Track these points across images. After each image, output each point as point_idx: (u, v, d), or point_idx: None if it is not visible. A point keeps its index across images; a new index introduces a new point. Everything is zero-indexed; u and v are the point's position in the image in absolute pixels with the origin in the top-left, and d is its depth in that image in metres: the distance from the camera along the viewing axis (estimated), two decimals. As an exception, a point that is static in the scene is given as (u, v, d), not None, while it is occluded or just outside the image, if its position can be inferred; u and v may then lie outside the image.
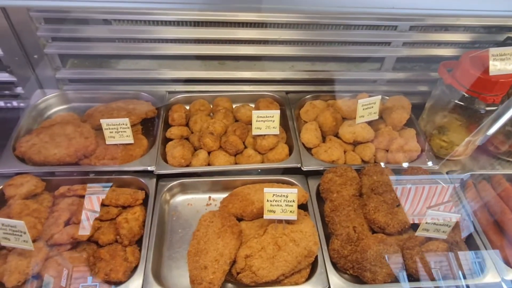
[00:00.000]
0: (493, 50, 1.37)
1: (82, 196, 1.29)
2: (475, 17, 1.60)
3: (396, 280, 1.18)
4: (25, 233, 1.03)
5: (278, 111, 1.45)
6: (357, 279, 1.19)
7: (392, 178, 1.37)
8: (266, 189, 1.17)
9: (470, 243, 1.28)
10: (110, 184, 1.35)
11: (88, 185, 1.30)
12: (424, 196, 1.35)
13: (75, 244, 1.17)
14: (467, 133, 1.57)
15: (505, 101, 1.49)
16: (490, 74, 1.37)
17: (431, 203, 1.33)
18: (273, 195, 1.17)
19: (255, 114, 1.43)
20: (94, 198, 1.27)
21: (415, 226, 1.25)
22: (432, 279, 1.16)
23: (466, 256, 1.20)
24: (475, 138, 1.59)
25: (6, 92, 1.70)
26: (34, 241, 1.10)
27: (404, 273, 1.17)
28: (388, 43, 1.68)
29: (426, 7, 1.10)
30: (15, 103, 1.73)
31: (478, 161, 1.66)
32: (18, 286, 1.06)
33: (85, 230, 1.17)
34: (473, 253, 1.23)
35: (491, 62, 1.37)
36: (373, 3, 1.02)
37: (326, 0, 0.98)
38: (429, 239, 1.20)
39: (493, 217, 1.37)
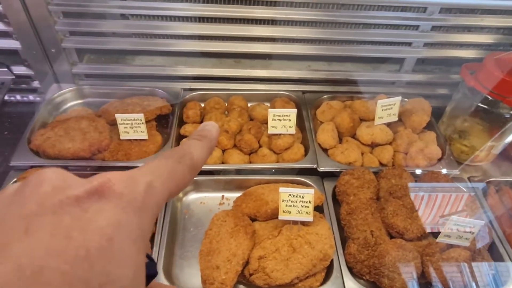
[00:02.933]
0: (520, 52, 1.32)
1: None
2: (499, 16, 1.55)
3: (414, 287, 1.14)
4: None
5: (295, 110, 1.42)
6: (374, 285, 1.15)
7: (412, 181, 1.33)
8: (281, 189, 1.14)
9: (492, 251, 1.23)
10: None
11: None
12: (445, 202, 1.30)
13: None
14: (489, 138, 1.51)
15: (531, 105, 1.43)
16: (517, 76, 1.33)
17: (452, 209, 1.29)
18: (289, 195, 1.14)
19: (271, 112, 1.40)
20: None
21: (433, 234, 1.21)
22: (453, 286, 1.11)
23: (489, 265, 1.15)
24: (497, 143, 1.53)
25: (23, 86, 1.71)
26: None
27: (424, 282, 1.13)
28: (409, 44, 1.63)
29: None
30: (31, 97, 1.74)
31: (500, 167, 1.60)
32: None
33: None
34: (496, 262, 1.18)
35: (517, 64, 1.33)
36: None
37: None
38: (451, 246, 1.15)
39: (517, 226, 1.31)
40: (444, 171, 1.42)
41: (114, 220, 0.29)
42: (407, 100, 1.65)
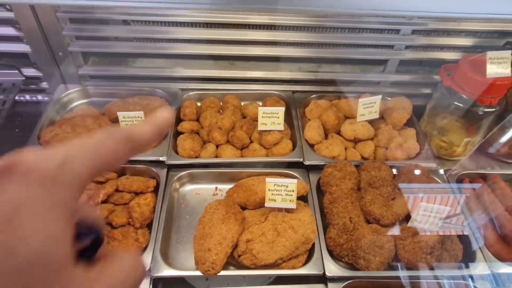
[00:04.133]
0: (490, 54, 1.43)
1: (99, 182, 1.40)
2: (476, 21, 1.65)
3: (388, 268, 1.25)
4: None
5: (283, 108, 1.54)
6: (352, 266, 1.26)
7: (389, 173, 1.44)
8: (267, 179, 1.26)
9: (462, 237, 1.33)
10: (125, 172, 1.46)
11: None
12: (420, 191, 1.41)
13: (92, 224, 1.28)
14: (466, 134, 1.62)
15: (503, 103, 1.54)
16: (487, 76, 1.44)
17: (426, 198, 1.39)
18: (274, 184, 1.25)
19: (261, 110, 1.52)
20: (109, 184, 1.37)
21: (408, 220, 1.31)
22: (423, 268, 1.22)
23: (457, 247, 1.26)
24: (474, 139, 1.64)
25: (33, 86, 1.84)
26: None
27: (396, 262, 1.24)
28: (391, 46, 1.75)
29: (429, 10, 1.17)
30: (40, 97, 1.87)
31: (477, 161, 1.70)
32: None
33: (100, 211, 1.27)
34: (465, 245, 1.28)
35: (488, 65, 1.43)
36: (381, 4, 1.10)
37: (336, 2, 1.07)
38: (423, 230, 1.26)
39: (488, 214, 1.42)
40: (422, 164, 1.52)
41: (15, 197, 0.30)
42: (389, 98, 1.76)
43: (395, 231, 1.30)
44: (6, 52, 1.72)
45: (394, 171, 1.50)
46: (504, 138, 1.64)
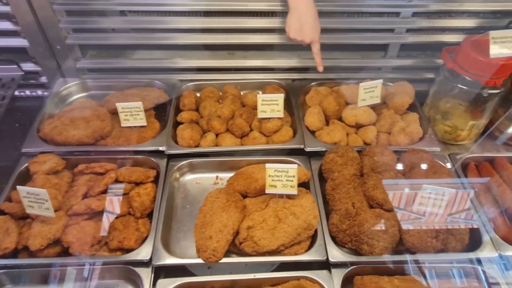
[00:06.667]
0: (493, 33, 1.39)
1: (99, 173, 1.39)
2: (479, 0, 1.61)
3: (393, 253, 1.23)
4: (47, 200, 1.14)
5: (282, 95, 1.52)
6: (356, 252, 1.24)
7: (393, 158, 1.42)
8: (268, 165, 1.24)
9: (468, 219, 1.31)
10: (125, 163, 1.45)
11: (104, 163, 1.40)
12: (424, 175, 1.38)
13: (92, 214, 1.27)
14: (470, 117, 1.59)
15: (507, 84, 1.50)
16: (491, 57, 1.40)
17: (430, 182, 1.37)
18: (275, 170, 1.23)
19: (260, 98, 1.50)
20: (109, 174, 1.36)
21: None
22: (429, 253, 1.20)
23: (463, 231, 1.24)
24: (478, 122, 1.60)
25: (32, 81, 1.83)
26: (55, 211, 1.20)
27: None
28: (391, 30, 1.71)
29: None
30: (39, 92, 1.87)
31: (483, 145, 1.67)
32: (41, 249, 1.16)
33: (101, 202, 1.26)
34: (471, 227, 1.26)
35: (491, 45, 1.39)
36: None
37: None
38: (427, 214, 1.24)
39: (494, 197, 1.39)
40: (426, 148, 1.49)
41: None
42: (391, 84, 1.73)
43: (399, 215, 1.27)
44: (4, 47, 1.72)
45: (397, 156, 1.47)
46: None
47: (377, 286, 1.12)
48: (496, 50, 1.40)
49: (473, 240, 1.25)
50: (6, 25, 1.63)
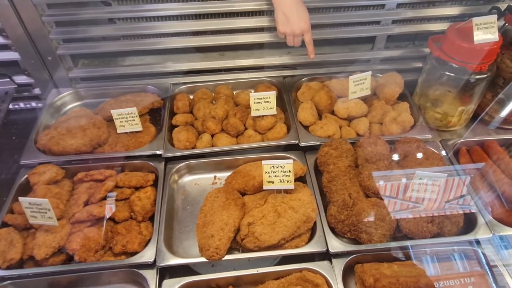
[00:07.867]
0: (476, 20, 1.43)
1: (98, 180, 1.41)
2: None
3: (391, 240, 1.26)
4: (49, 210, 1.15)
5: (274, 92, 1.54)
6: (355, 241, 1.27)
7: (385, 148, 1.45)
8: (264, 162, 1.26)
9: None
10: (123, 168, 1.47)
11: (103, 170, 1.42)
12: (417, 162, 1.41)
13: (94, 221, 1.29)
14: (460, 103, 1.62)
15: (493, 68, 1.54)
16: (475, 43, 1.44)
17: (422, 168, 1.40)
18: (271, 166, 1.26)
19: (253, 96, 1.53)
20: (109, 181, 1.38)
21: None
22: (425, 236, 1.23)
23: (458, 214, 1.27)
24: (468, 107, 1.64)
25: (25, 93, 1.84)
26: (58, 219, 1.22)
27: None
28: (377, 22, 1.74)
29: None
30: (33, 104, 1.88)
31: (473, 130, 1.71)
32: (46, 258, 1.18)
33: (102, 208, 1.28)
34: (465, 211, 1.29)
35: (475, 32, 1.43)
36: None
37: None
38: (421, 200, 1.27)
39: (486, 180, 1.43)
40: (417, 136, 1.52)
41: None
42: (381, 75, 1.76)
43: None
44: (-4, 61, 1.73)
45: (390, 146, 1.50)
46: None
47: (377, 273, 1.15)
48: (480, 36, 1.44)
49: (468, 223, 1.29)
50: (-3, 39, 1.64)
